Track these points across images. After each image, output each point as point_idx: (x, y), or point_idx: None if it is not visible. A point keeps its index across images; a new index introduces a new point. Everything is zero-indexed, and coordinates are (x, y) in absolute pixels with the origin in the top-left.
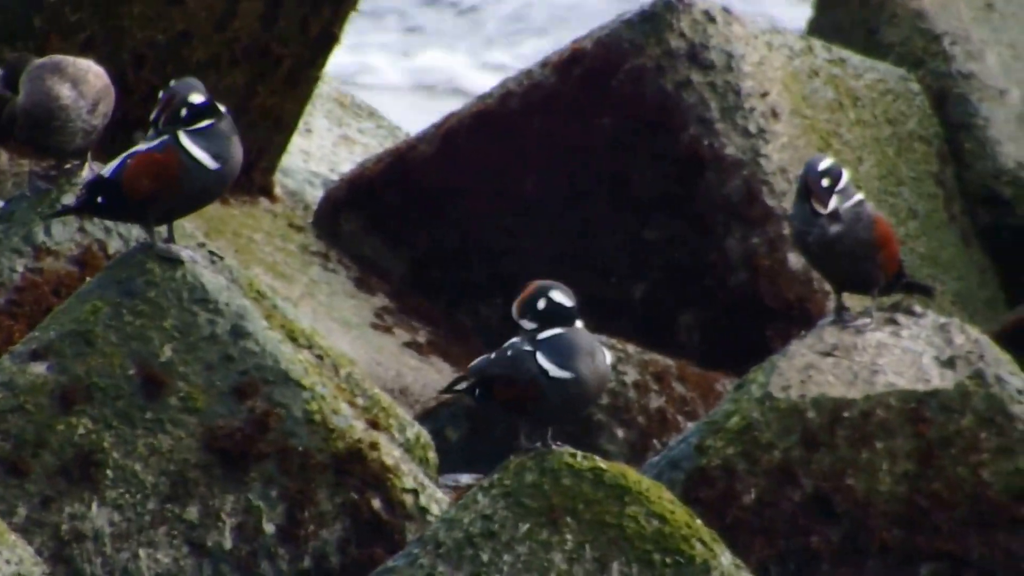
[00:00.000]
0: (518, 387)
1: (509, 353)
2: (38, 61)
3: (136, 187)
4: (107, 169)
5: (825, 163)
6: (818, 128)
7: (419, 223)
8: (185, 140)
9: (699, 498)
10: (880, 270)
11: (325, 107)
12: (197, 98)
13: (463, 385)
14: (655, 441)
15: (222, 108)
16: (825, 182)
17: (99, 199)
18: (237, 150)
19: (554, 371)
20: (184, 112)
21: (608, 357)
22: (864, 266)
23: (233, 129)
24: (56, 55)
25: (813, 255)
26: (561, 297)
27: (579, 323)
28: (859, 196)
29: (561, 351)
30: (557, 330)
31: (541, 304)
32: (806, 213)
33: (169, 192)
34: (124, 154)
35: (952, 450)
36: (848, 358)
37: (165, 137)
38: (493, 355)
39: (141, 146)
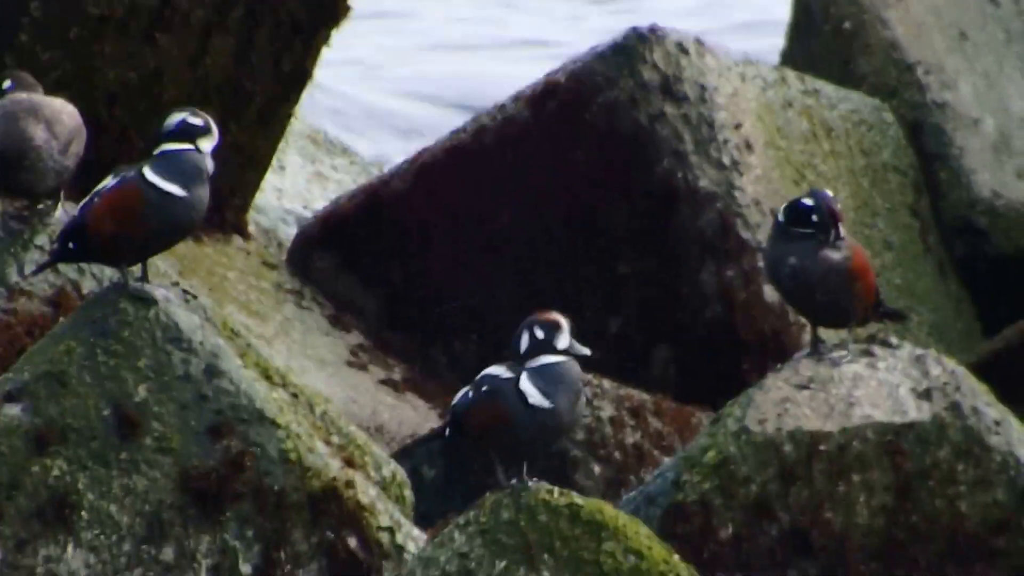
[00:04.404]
0: (494, 412)
1: (484, 388)
2: (12, 98)
3: (101, 228)
4: (76, 211)
5: (829, 191)
6: (792, 160)
7: (393, 260)
8: (149, 172)
9: (676, 533)
10: (857, 302)
11: (298, 144)
12: (176, 119)
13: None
14: (631, 476)
15: (203, 146)
16: (840, 206)
17: (71, 245)
18: (203, 182)
19: (535, 398)
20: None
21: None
22: (841, 298)
23: (202, 168)
24: (31, 94)
25: (788, 289)
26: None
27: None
28: None
29: (546, 380)
30: (548, 359)
31: (565, 334)
32: (779, 250)
33: (134, 229)
34: (91, 194)
35: (929, 482)
36: (824, 391)
37: (130, 173)
38: (471, 393)
39: (108, 182)
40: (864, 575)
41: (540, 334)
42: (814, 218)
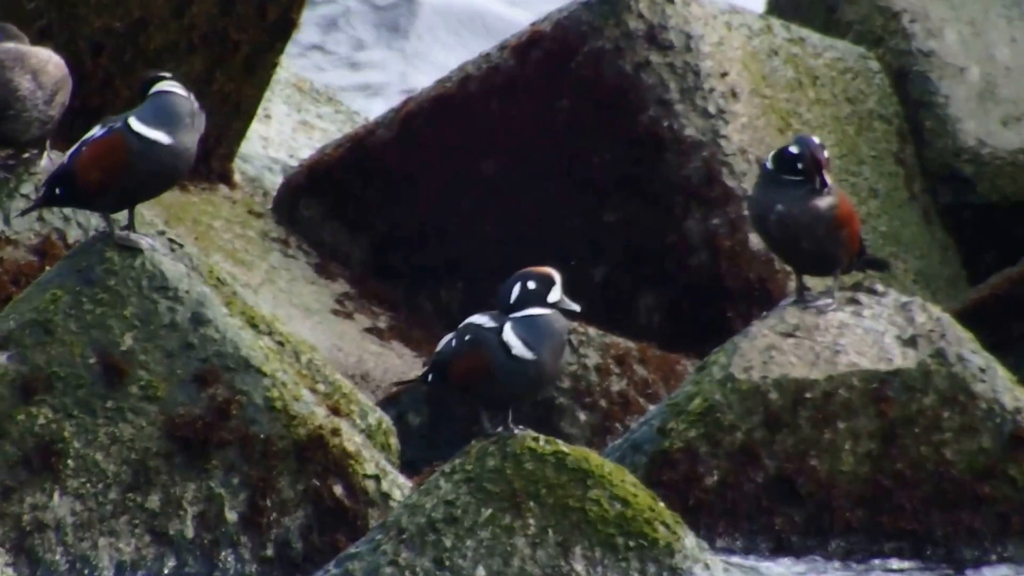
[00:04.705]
0: (477, 363)
1: (468, 337)
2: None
3: (87, 178)
4: (64, 159)
5: (817, 139)
6: (778, 108)
7: (378, 208)
8: (135, 121)
9: (662, 481)
10: (842, 249)
11: (284, 93)
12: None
13: (419, 373)
14: (617, 424)
15: (180, 91)
16: (827, 154)
17: (58, 191)
18: (190, 129)
19: (518, 349)
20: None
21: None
22: (827, 245)
23: (189, 114)
24: (17, 44)
25: (775, 236)
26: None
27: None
28: None
29: (530, 332)
30: (533, 310)
31: (557, 289)
32: (766, 197)
33: (120, 178)
34: (79, 142)
35: (915, 429)
36: (810, 338)
37: (116, 123)
38: (454, 342)
39: (95, 131)
40: (849, 521)
41: (532, 287)
42: (800, 165)
